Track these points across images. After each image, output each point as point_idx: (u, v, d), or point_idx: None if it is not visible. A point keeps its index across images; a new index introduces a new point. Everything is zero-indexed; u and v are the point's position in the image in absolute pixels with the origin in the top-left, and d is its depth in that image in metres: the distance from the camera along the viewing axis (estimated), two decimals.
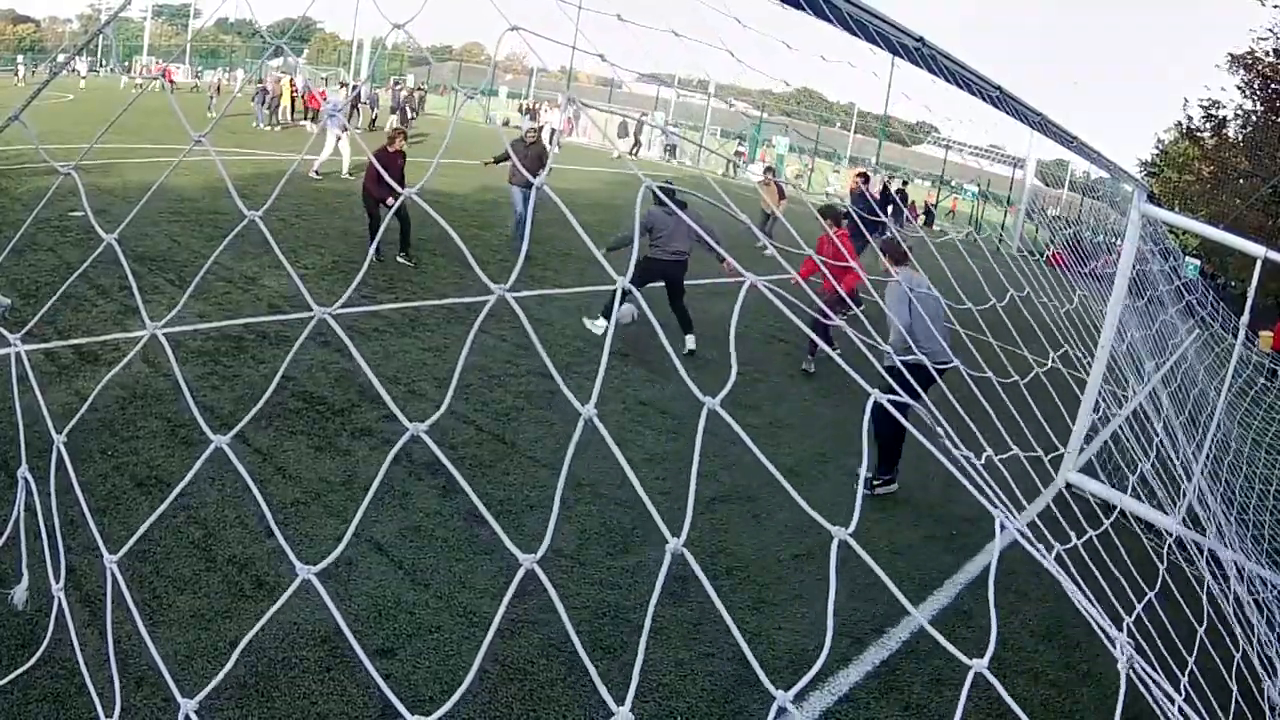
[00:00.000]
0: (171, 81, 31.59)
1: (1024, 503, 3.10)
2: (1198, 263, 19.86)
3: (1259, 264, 4.57)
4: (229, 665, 1.41)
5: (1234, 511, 5.75)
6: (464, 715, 2.92)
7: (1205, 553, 4.92)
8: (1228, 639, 3.83)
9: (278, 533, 1.38)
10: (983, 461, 1.93)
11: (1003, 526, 1.24)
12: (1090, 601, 1.34)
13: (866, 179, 9.54)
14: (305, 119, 22.72)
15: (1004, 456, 2.33)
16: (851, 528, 1.18)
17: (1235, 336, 7.51)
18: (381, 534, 3.91)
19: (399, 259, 8.81)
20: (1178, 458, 5.86)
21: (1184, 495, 5.08)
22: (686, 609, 3.75)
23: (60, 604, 1.68)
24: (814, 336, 1.39)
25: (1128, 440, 5.84)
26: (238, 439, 4.58)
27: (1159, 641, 3.18)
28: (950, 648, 1.15)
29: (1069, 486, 5.71)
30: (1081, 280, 7.29)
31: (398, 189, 1.49)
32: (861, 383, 1.31)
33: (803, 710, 3.25)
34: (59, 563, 1.92)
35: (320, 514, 4.01)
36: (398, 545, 3.85)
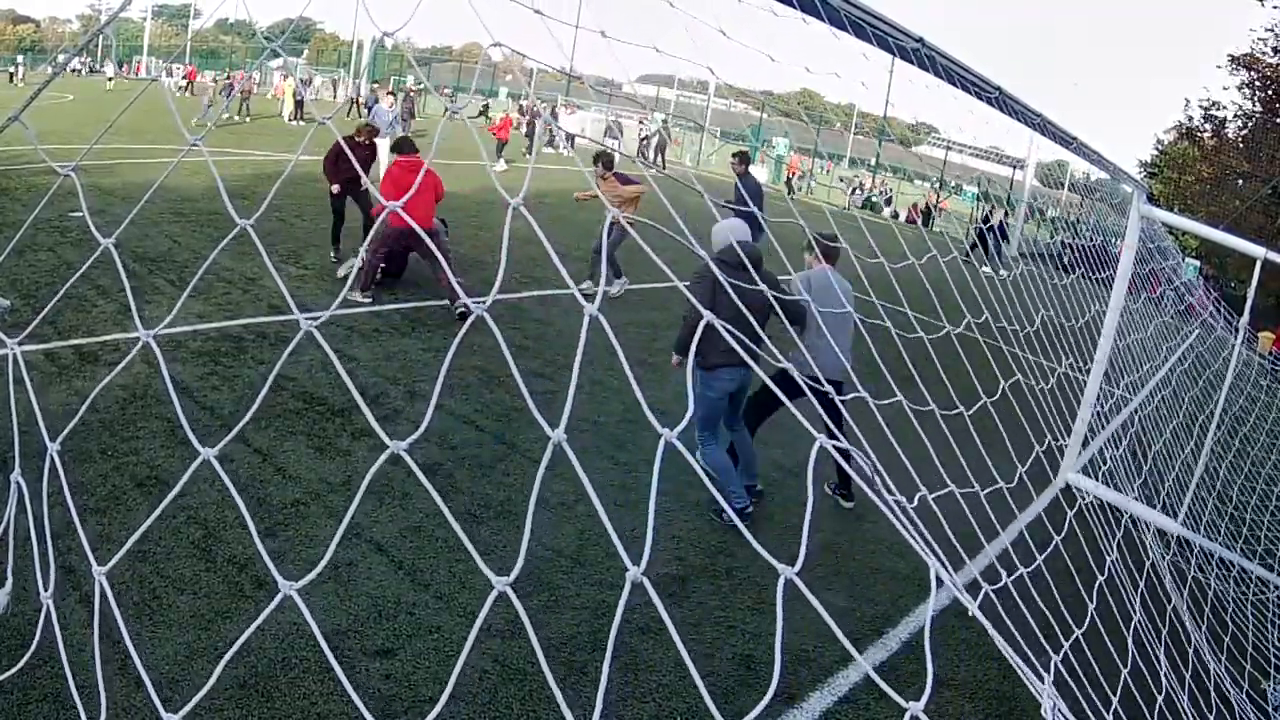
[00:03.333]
0: (191, 80, 31.53)
1: (1013, 511, 3.10)
2: (1197, 264, 19.86)
3: (1258, 265, 4.58)
4: (212, 679, 1.40)
5: (1229, 507, 5.76)
6: (464, 715, 2.92)
7: (1207, 554, 4.92)
8: (1221, 642, 3.83)
9: (260, 546, 1.37)
10: (914, 504, 1.90)
11: (939, 582, 1.23)
12: (1020, 652, 1.33)
13: (745, 159, 9.15)
14: (301, 120, 22.72)
15: (939, 494, 2.31)
16: (798, 566, 1.18)
17: (1235, 337, 7.51)
18: (382, 534, 3.91)
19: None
20: (1176, 459, 5.86)
21: (1184, 496, 5.08)
22: (687, 609, 3.75)
23: (49, 610, 1.68)
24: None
25: (1127, 441, 5.85)
26: (238, 440, 4.58)
27: (1157, 642, 3.18)
28: (890, 692, 1.15)
29: (1069, 487, 5.72)
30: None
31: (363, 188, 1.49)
32: (806, 425, 1.31)
33: (803, 710, 3.25)
34: (48, 568, 1.92)
35: (320, 514, 4.01)
36: (398, 545, 3.85)
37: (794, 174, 27.40)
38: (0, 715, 2.57)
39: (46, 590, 1.82)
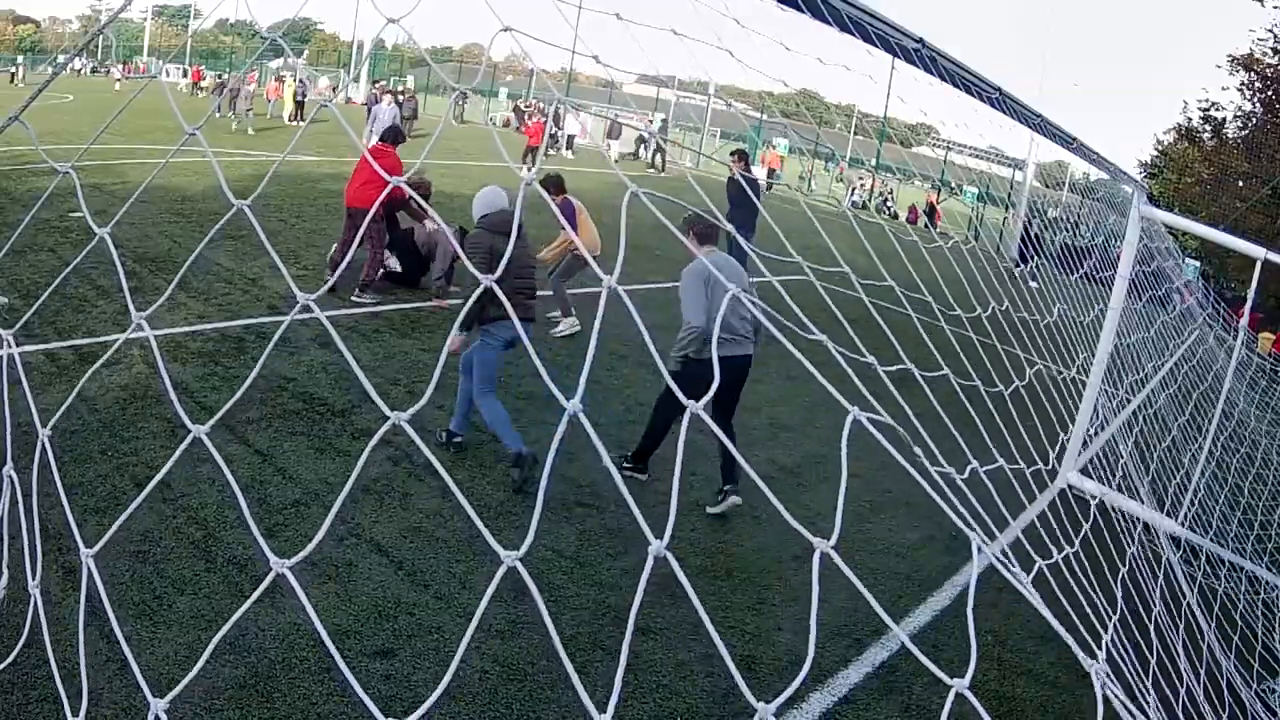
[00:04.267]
0: (200, 77, 31.50)
1: (1011, 514, 3.10)
2: (1197, 264, 19.84)
3: (1258, 266, 4.58)
4: (199, 665, 1.41)
5: (1238, 512, 5.76)
6: (464, 715, 2.92)
7: (1209, 554, 4.92)
8: (1218, 641, 3.83)
9: (260, 539, 1.37)
10: (965, 475, 1.91)
11: (980, 549, 1.23)
12: (1069, 624, 1.32)
13: (743, 157, 9.19)
14: (302, 120, 22.69)
15: (990, 468, 2.32)
16: (833, 540, 1.17)
17: (1235, 338, 7.51)
18: (382, 535, 3.91)
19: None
20: (1176, 458, 5.86)
21: (1184, 497, 5.08)
22: (686, 609, 3.75)
23: (36, 602, 1.69)
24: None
25: (1128, 441, 5.85)
26: (238, 441, 4.58)
27: (1154, 644, 3.18)
28: (932, 667, 1.15)
29: (1069, 487, 5.72)
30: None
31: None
32: (843, 402, 1.31)
33: (803, 710, 3.25)
34: (35, 559, 1.92)
35: (320, 514, 4.01)
36: (398, 546, 3.85)
37: (774, 169, 27.73)
38: (0, 715, 2.57)
39: (34, 579, 1.81)
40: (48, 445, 1.62)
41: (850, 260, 2.73)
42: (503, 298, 1.22)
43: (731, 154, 9.26)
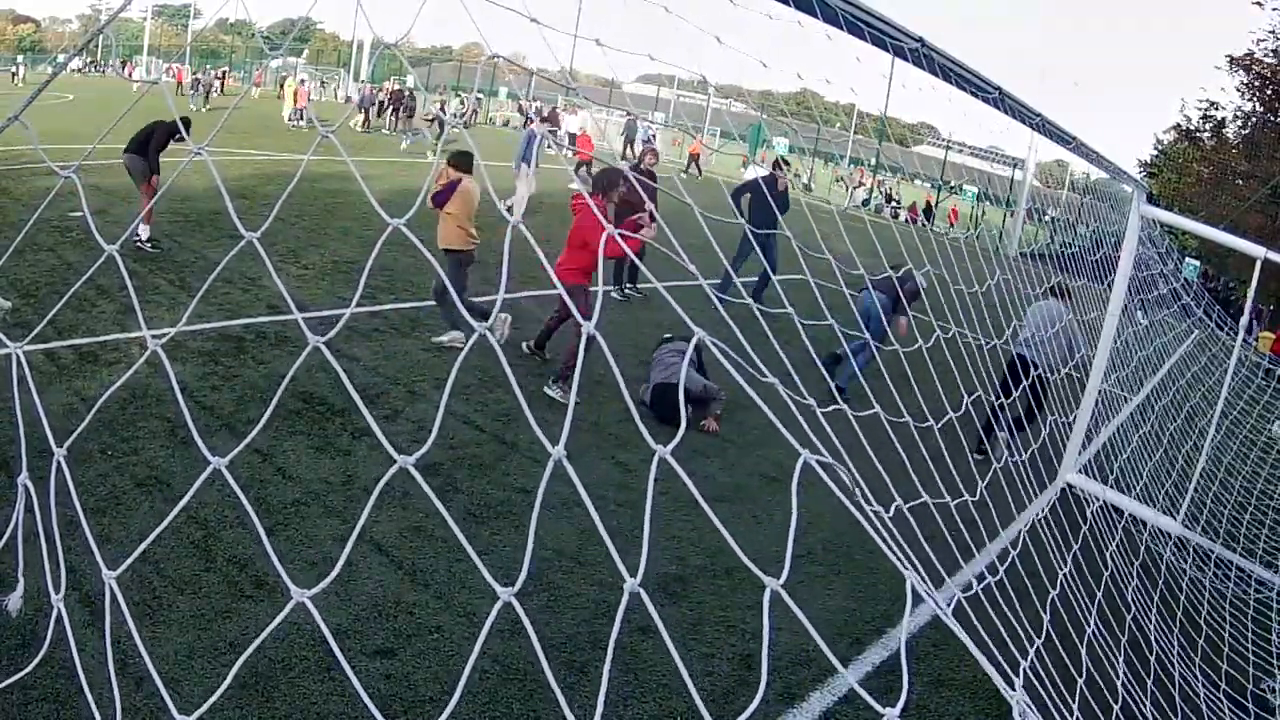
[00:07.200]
0: (220, 79, 30.74)
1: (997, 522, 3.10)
2: (1197, 264, 19.85)
3: (1258, 265, 4.58)
4: (225, 683, 1.41)
5: (1228, 510, 5.76)
6: (464, 715, 2.92)
7: (1205, 553, 4.93)
8: (1217, 639, 3.84)
9: (268, 548, 1.38)
10: (891, 514, 1.91)
11: (915, 593, 1.22)
12: (1003, 654, 1.32)
13: (778, 166, 9.24)
14: (301, 121, 22.61)
15: (914, 504, 2.32)
16: (783, 578, 1.18)
17: (1234, 337, 7.51)
18: (382, 534, 3.91)
19: (625, 290, 9.20)
20: (1176, 459, 5.86)
21: (1184, 496, 5.08)
22: (686, 608, 3.75)
23: (60, 614, 1.69)
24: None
25: (1127, 441, 5.85)
26: (238, 440, 4.58)
27: (1147, 645, 3.18)
28: (870, 700, 1.16)
29: (1069, 487, 5.72)
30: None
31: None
32: (794, 444, 1.32)
33: (803, 710, 3.25)
34: (59, 573, 1.92)
35: (320, 514, 4.01)
36: (398, 545, 3.85)
37: (696, 155, 27.84)
38: (1, 715, 2.57)
39: (58, 593, 1.81)
40: (64, 465, 1.61)
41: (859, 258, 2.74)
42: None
43: (774, 161, 9.37)
